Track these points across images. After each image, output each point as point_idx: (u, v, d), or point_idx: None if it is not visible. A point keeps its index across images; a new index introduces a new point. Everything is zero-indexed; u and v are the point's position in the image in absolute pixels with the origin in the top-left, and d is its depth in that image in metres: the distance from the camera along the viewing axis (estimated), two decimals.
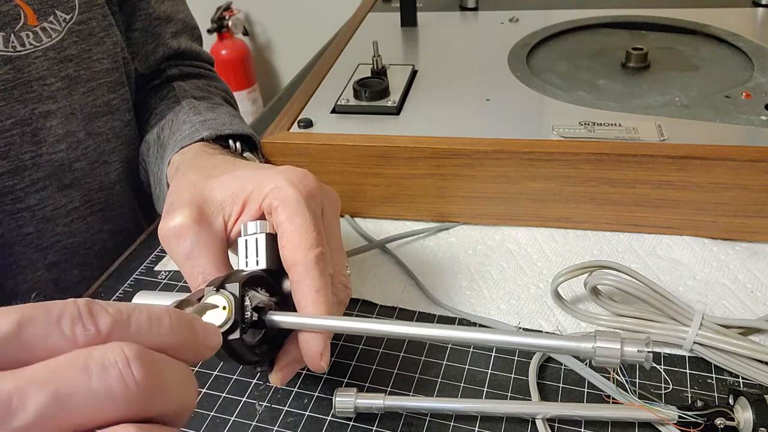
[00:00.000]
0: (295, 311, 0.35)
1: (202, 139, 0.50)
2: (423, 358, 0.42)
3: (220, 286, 0.32)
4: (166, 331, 0.24)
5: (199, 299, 0.32)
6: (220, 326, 0.31)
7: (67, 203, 0.56)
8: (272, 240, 0.36)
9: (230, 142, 0.52)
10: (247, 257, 0.36)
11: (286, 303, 0.36)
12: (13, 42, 0.49)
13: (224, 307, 0.31)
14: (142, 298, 0.36)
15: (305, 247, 0.35)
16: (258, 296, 0.34)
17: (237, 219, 0.39)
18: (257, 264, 0.36)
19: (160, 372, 0.23)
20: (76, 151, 0.55)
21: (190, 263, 0.37)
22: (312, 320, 0.34)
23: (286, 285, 0.36)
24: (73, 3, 0.52)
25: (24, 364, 0.21)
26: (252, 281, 0.34)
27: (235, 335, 0.32)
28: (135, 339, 0.23)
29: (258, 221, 0.37)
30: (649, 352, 0.31)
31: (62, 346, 0.22)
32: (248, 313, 0.33)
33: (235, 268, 0.36)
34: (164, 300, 0.35)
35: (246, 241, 0.36)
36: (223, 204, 0.39)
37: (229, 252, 0.40)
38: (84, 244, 0.59)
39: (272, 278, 0.36)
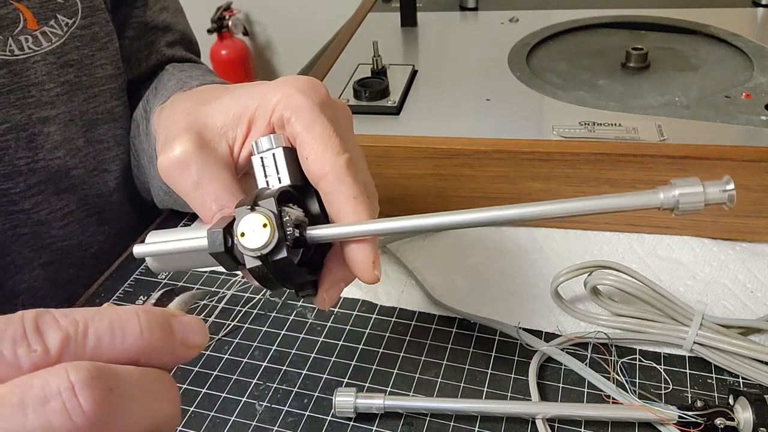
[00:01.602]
0: None
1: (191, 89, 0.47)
2: (423, 358, 0.42)
3: (253, 204, 0.29)
4: (134, 338, 0.21)
5: (229, 225, 0.29)
6: (264, 246, 0.28)
7: (63, 207, 0.55)
8: (290, 154, 0.33)
9: None
10: (267, 176, 0.33)
11: (315, 223, 0.32)
12: (10, 46, 0.48)
13: (264, 225, 0.28)
14: (154, 237, 0.33)
15: (332, 153, 0.31)
16: (293, 212, 0.30)
17: (243, 142, 0.35)
18: (280, 181, 0.32)
19: (119, 393, 0.19)
20: (74, 159, 0.54)
21: (200, 192, 0.33)
22: (359, 227, 0.30)
23: (312, 204, 0.33)
24: (76, 7, 0.51)
25: None
26: (283, 197, 0.31)
27: (282, 254, 0.28)
28: (94, 354, 0.20)
29: (272, 135, 0.33)
30: (731, 190, 0.29)
31: (4, 373, 0.19)
32: (289, 229, 0.29)
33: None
34: (177, 235, 0.32)
35: (262, 158, 0.33)
36: (224, 128, 0.35)
37: None
38: (80, 246, 0.58)
39: (299, 195, 0.33)
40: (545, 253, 0.50)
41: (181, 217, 0.57)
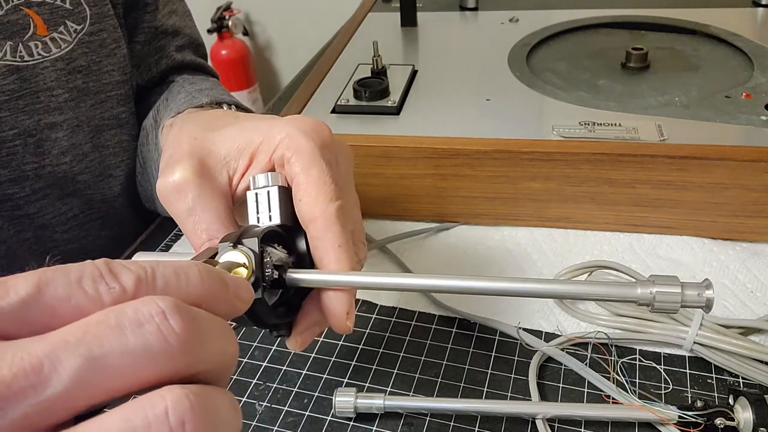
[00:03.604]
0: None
1: (201, 106, 0.48)
2: (423, 358, 0.42)
3: (236, 241, 0.30)
4: (197, 284, 0.23)
5: (212, 257, 0.30)
6: None
7: (67, 211, 0.55)
8: (285, 193, 0.34)
9: (233, 108, 0.49)
10: (258, 212, 0.34)
11: (301, 262, 0.33)
12: (20, 51, 0.48)
13: (244, 265, 0.29)
14: (140, 257, 0.33)
15: (324, 200, 0.32)
16: (276, 253, 0.31)
17: (243, 174, 0.36)
18: (270, 219, 0.33)
19: (199, 323, 0.21)
20: (80, 164, 0.54)
21: (192, 219, 0.34)
22: (337, 277, 0.32)
23: (301, 244, 0.34)
24: (84, 14, 0.51)
25: (51, 329, 0.19)
26: (268, 237, 0.31)
27: (257, 295, 0.29)
28: (163, 294, 0.21)
29: (269, 173, 0.34)
30: (709, 296, 0.28)
31: (88, 307, 0.20)
32: (268, 270, 0.30)
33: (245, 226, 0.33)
34: (165, 259, 0.33)
35: (257, 194, 0.34)
36: (227, 158, 0.36)
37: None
38: (82, 250, 0.58)
39: (287, 235, 0.33)
40: (545, 253, 0.50)
41: (173, 225, 0.57)
